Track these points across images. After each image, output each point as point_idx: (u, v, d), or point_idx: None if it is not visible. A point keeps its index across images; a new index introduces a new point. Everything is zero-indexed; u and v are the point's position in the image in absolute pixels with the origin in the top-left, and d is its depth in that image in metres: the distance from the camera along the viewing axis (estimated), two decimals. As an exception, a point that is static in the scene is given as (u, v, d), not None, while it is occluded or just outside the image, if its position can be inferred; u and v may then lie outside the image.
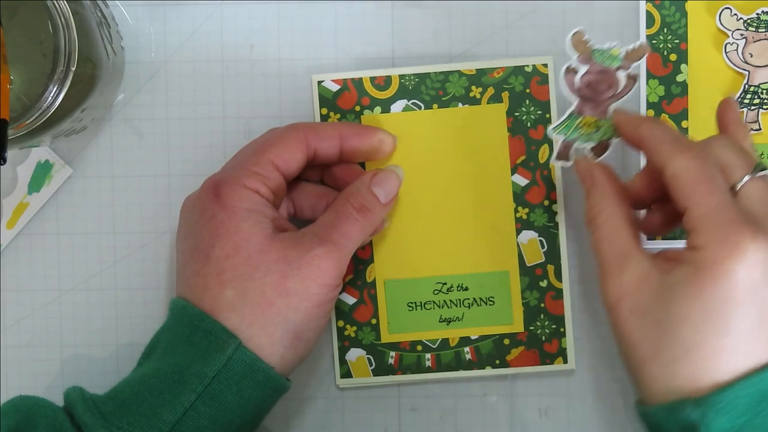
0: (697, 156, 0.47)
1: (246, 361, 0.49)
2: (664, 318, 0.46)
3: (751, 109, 0.58)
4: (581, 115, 0.54)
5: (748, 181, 0.48)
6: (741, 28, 0.58)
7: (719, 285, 0.45)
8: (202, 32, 0.59)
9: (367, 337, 0.58)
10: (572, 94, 0.53)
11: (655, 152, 0.49)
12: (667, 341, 0.46)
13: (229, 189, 0.51)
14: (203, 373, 0.49)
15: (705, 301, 0.45)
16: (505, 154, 0.58)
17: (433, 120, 0.58)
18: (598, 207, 0.50)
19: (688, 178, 0.47)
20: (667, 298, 0.46)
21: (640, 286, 0.47)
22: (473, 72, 0.58)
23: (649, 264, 0.48)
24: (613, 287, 0.48)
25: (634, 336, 0.47)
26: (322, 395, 0.60)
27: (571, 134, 0.54)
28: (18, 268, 0.60)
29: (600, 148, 0.54)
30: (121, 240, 0.60)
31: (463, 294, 0.58)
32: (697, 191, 0.46)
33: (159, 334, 0.52)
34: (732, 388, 0.45)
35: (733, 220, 0.45)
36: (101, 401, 0.50)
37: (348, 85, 0.58)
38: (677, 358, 0.46)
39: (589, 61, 0.53)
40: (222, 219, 0.50)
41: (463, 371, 0.58)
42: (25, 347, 0.60)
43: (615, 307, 0.48)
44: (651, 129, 0.50)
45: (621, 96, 0.53)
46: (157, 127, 0.59)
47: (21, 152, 0.59)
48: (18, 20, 0.51)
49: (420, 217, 0.58)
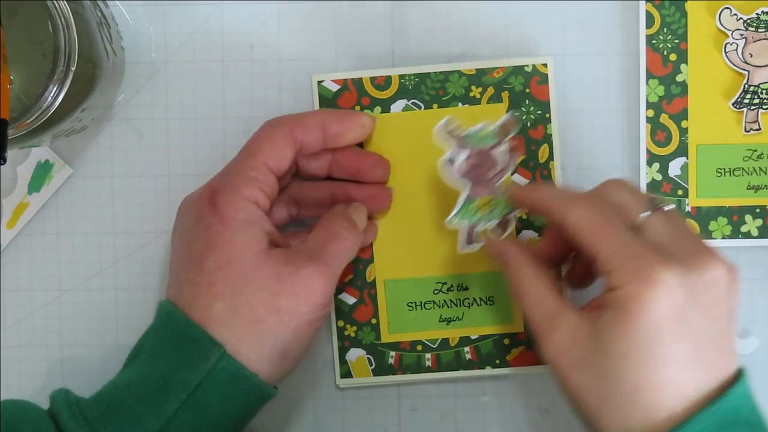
0: (591, 203, 0.49)
1: (230, 369, 0.49)
2: (604, 363, 0.47)
3: (751, 109, 0.58)
4: (475, 199, 0.54)
5: (647, 216, 0.49)
6: (741, 28, 0.58)
7: (643, 318, 0.45)
8: (202, 32, 0.59)
9: (367, 337, 0.58)
10: (460, 182, 0.54)
11: (551, 211, 0.50)
12: (613, 384, 0.46)
13: (226, 199, 0.51)
14: (187, 380, 0.48)
15: (635, 337, 0.46)
16: (505, 154, 0.58)
17: (433, 120, 0.57)
18: (518, 279, 0.51)
19: (587, 226, 0.48)
20: (601, 344, 0.47)
21: (573, 340, 0.48)
22: (473, 72, 0.58)
23: (577, 317, 0.48)
24: (549, 348, 0.49)
25: (582, 387, 0.48)
26: (322, 395, 0.60)
27: (471, 219, 0.55)
28: (18, 268, 0.60)
29: (503, 225, 0.55)
30: (121, 240, 0.60)
31: (463, 294, 0.58)
32: (599, 235, 0.47)
33: (145, 337, 0.52)
34: (688, 424, 0.45)
35: (641, 253, 0.46)
36: (86, 406, 0.49)
37: (348, 85, 0.58)
38: (627, 398, 0.46)
39: (466, 146, 0.54)
40: (217, 230, 0.50)
41: (463, 371, 0.58)
42: (25, 347, 0.60)
43: (556, 366, 0.49)
44: (542, 191, 0.52)
45: (506, 171, 0.54)
46: (157, 127, 0.59)
47: (21, 152, 0.59)
48: (18, 20, 0.51)
49: (420, 216, 0.58)
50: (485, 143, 0.54)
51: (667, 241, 0.48)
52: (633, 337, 0.46)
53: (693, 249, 0.47)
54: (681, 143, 0.58)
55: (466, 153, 0.54)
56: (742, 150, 0.58)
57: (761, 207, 0.58)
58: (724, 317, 0.47)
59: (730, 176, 0.59)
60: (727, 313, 0.48)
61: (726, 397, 0.46)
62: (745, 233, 0.59)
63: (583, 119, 0.59)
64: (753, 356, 0.59)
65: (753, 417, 0.47)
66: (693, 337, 0.46)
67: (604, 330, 0.47)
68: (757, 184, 0.58)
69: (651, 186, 0.58)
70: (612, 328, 0.46)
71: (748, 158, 0.58)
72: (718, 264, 0.47)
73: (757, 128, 0.58)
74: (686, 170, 0.58)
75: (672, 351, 0.46)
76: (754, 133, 0.58)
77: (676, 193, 0.58)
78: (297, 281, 0.50)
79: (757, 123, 0.58)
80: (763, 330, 0.59)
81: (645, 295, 0.45)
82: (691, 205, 0.59)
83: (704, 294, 0.46)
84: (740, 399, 0.47)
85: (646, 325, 0.45)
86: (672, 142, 0.58)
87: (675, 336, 0.46)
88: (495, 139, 0.54)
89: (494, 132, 0.54)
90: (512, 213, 0.55)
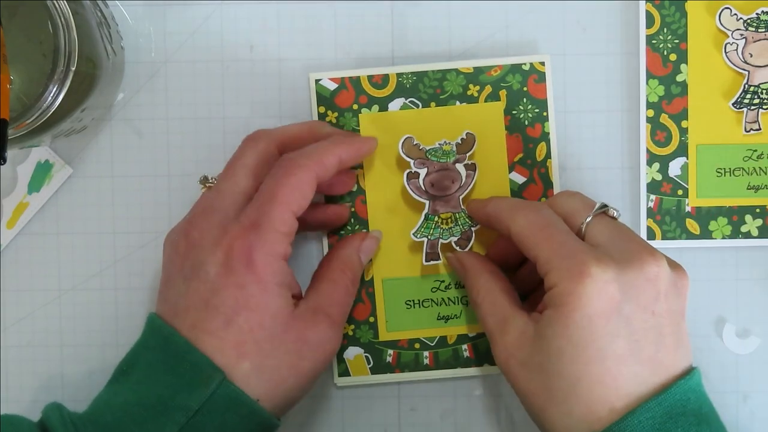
0: (534, 210, 0.51)
1: (230, 395, 0.49)
2: (545, 362, 0.48)
3: (751, 109, 0.58)
4: (436, 214, 0.57)
5: (590, 219, 0.50)
6: (741, 28, 0.58)
7: (578, 313, 0.47)
8: (202, 32, 0.59)
9: (365, 336, 0.58)
10: (420, 198, 0.56)
11: (498, 221, 0.53)
12: (554, 382, 0.48)
13: (264, 260, 0.50)
14: (187, 405, 0.48)
15: (571, 333, 0.47)
16: (503, 152, 0.58)
17: (431, 118, 0.58)
18: (475, 288, 0.54)
19: (528, 230, 0.50)
20: (542, 342, 0.48)
21: (520, 342, 0.50)
22: (471, 70, 0.58)
23: (524, 320, 0.50)
24: (499, 350, 0.51)
25: (529, 388, 0.49)
26: (321, 395, 0.59)
27: (433, 234, 0.57)
28: (18, 268, 0.60)
29: (464, 239, 0.57)
30: (121, 240, 0.60)
31: (461, 291, 0.58)
32: (538, 238, 0.49)
33: (137, 353, 0.52)
34: (633, 415, 0.46)
35: (576, 251, 0.48)
36: (81, 423, 0.49)
37: (345, 84, 0.58)
38: (567, 394, 0.47)
39: (426, 163, 0.56)
40: (253, 292, 0.49)
41: (461, 368, 0.58)
42: (25, 347, 0.60)
43: (506, 368, 0.51)
44: (493, 203, 0.54)
45: (467, 186, 0.57)
46: (157, 127, 0.60)
47: (21, 152, 0.59)
48: (18, 20, 0.51)
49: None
50: (447, 159, 0.56)
51: (607, 242, 0.49)
52: (569, 333, 0.47)
53: (631, 248, 0.48)
54: (681, 143, 0.58)
55: (425, 170, 0.56)
56: (742, 150, 0.58)
57: (761, 207, 0.58)
58: (667, 314, 0.48)
59: (730, 176, 0.58)
60: (669, 311, 0.48)
61: (672, 389, 0.47)
62: (745, 233, 0.58)
63: (583, 119, 0.59)
64: (753, 356, 0.59)
65: (704, 408, 0.48)
66: (631, 332, 0.47)
67: (544, 328, 0.48)
68: (757, 184, 0.58)
69: (651, 186, 0.58)
70: (550, 326, 0.48)
71: (748, 158, 0.58)
72: (657, 261, 0.48)
73: (757, 128, 0.58)
74: (686, 170, 0.58)
75: (609, 345, 0.47)
76: (754, 133, 0.58)
77: (676, 193, 0.58)
78: (319, 346, 0.51)
79: (757, 123, 0.58)
80: (763, 330, 0.59)
81: (578, 291, 0.47)
82: (691, 205, 0.58)
83: (642, 290, 0.47)
84: (688, 392, 0.47)
85: (581, 320, 0.47)
86: (672, 142, 0.58)
87: (611, 330, 0.47)
88: (455, 155, 0.56)
89: (453, 150, 0.56)
90: (474, 227, 0.57)
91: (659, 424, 0.46)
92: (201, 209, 0.52)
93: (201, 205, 0.53)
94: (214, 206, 0.52)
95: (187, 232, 0.52)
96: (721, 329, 0.59)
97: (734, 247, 0.59)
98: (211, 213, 0.51)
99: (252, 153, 0.53)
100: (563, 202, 0.52)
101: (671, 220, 0.58)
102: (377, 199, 0.58)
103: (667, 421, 0.46)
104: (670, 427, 0.46)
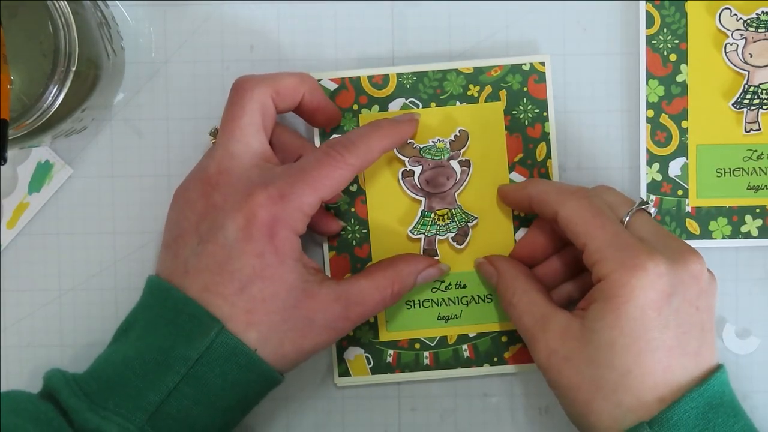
0: (584, 196, 0.51)
1: (229, 344, 0.49)
2: (594, 354, 0.48)
3: (751, 109, 0.58)
4: (432, 211, 0.57)
5: (633, 213, 0.51)
6: (741, 28, 0.58)
7: (631, 305, 0.47)
8: (202, 32, 0.59)
9: (365, 336, 0.58)
10: (416, 195, 0.57)
11: (544, 204, 0.53)
12: (603, 373, 0.48)
13: (285, 235, 0.50)
14: (187, 355, 0.49)
15: (623, 325, 0.48)
16: (503, 152, 0.58)
17: (432, 118, 0.58)
18: (510, 289, 0.54)
19: (579, 217, 0.50)
20: (591, 335, 0.49)
21: (564, 337, 0.50)
22: (471, 70, 0.58)
23: (567, 317, 0.51)
24: (540, 348, 0.51)
25: (574, 381, 0.49)
26: (321, 395, 0.60)
27: (430, 231, 0.57)
28: (18, 268, 0.60)
29: (461, 235, 0.57)
30: (121, 240, 0.60)
31: (461, 291, 0.58)
32: (590, 226, 0.50)
33: (136, 313, 0.53)
34: (679, 404, 0.47)
35: (629, 244, 0.48)
36: (84, 381, 0.50)
37: (346, 84, 0.58)
38: (617, 385, 0.48)
39: (421, 160, 0.57)
40: (270, 262, 0.50)
41: (462, 369, 0.58)
42: (25, 347, 0.60)
43: (548, 365, 0.51)
44: (535, 185, 0.54)
45: (462, 183, 0.57)
46: (157, 127, 0.60)
47: (21, 152, 0.59)
48: (18, 20, 0.51)
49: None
50: (441, 156, 0.57)
51: (650, 237, 0.50)
52: (622, 324, 0.47)
53: (675, 245, 0.50)
54: (681, 143, 0.58)
55: (420, 168, 0.57)
56: (742, 150, 0.58)
57: (761, 207, 0.58)
58: (706, 310, 0.50)
59: (730, 176, 0.58)
60: (708, 307, 0.50)
61: (712, 381, 0.48)
62: (745, 233, 0.58)
63: (583, 119, 0.59)
64: (753, 356, 0.59)
65: (736, 402, 0.50)
66: (679, 324, 0.48)
67: (593, 321, 0.48)
68: (757, 185, 0.58)
69: (651, 186, 0.58)
70: (601, 318, 0.48)
71: (748, 158, 0.58)
72: (700, 260, 0.50)
73: (757, 128, 0.58)
74: (686, 170, 0.58)
75: (660, 336, 0.48)
76: (754, 133, 0.58)
77: (676, 194, 0.58)
78: (323, 330, 0.52)
79: (757, 123, 0.58)
80: (763, 330, 0.59)
81: (632, 283, 0.47)
82: (691, 205, 0.58)
83: (688, 285, 0.49)
84: (723, 385, 0.49)
85: (634, 312, 0.47)
86: (672, 143, 0.58)
87: (662, 322, 0.48)
88: (450, 152, 0.57)
89: (447, 147, 0.57)
90: (470, 223, 0.57)
91: (702, 414, 0.47)
92: (217, 170, 0.52)
93: (215, 165, 0.52)
94: (232, 169, 0.51)
95: (207, 193, 0.52)
96: (721, 329, 0.59)
97: (734, 247, 0.59)
98: (230, 175, 0.51)
99: (255, 108, 0.52)
100: (603, 193, 0.53)
101: (671, 220, 0.58)
102: (376, 199, 0.58)
103: (708, 411, 0.47)
104: (711, 416, 0.47)
